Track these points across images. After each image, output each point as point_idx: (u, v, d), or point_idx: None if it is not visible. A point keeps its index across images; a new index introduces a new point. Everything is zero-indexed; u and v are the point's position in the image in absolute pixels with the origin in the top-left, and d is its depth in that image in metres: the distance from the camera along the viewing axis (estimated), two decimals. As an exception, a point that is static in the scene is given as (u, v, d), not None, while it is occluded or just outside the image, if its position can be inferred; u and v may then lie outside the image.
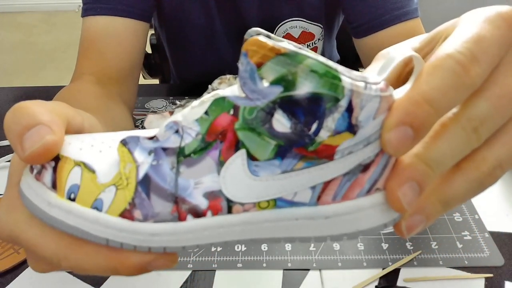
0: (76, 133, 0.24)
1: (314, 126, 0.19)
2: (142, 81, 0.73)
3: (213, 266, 0.45)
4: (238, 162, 0.20)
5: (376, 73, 0.21)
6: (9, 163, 0.59)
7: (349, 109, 0.19)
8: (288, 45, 0.19)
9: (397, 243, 0.47)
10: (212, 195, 0.21)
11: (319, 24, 0.69)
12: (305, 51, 0.19)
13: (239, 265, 0.45)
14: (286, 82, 0.19)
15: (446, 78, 0.18)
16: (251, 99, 0.19)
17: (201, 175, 0.21)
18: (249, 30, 0.20)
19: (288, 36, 0.69)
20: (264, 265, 0.45)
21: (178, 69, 0.84)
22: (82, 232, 0.21)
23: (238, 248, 0.47)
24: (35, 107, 0.22)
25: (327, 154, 0.20)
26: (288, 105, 0.19)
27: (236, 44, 0.72)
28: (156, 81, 1.05)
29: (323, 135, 0.19)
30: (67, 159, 0.22)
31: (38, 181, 0.21)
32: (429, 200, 0.21)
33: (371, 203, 0.21)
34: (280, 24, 0.68)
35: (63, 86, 0.54)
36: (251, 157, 0.20)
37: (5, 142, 0.63)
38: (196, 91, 0.74)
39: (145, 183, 0.21)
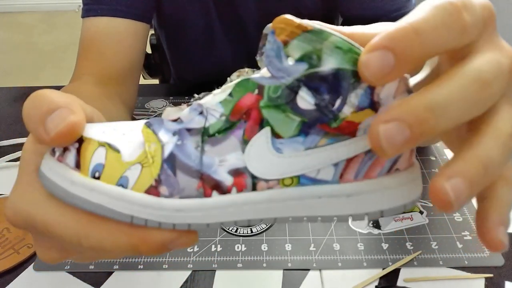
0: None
1: (338, 102, 0.20)
2: (142, 81, 0.73)
3: (213, 266, 0.45)
4: (262, 140, 0.21)
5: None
6: (9, 163, 0.59)
7: (371, 85, 0.19)
8: (314, 23, 0.19)
9: (397, 243, 0.47)
10: (237, 172, 0.21)
11: None
12: (330, 29, 0.19)
13: (239, 265, 0.45)
14: (311, 58, 0.19)
15: (438, 15, 0.18)
16: (276, 77, 0.20)
17: (226, 153, 0.21)
18: (268, 25, 0.21)
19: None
20: (264, 265, 0.45)
21: (178, 69, 0.84)
22: (106, 210, 0.21)
23: (238, 248, 0.47)
24: (53, 94, 0.22)
25: (349, 130, 0.20)
26: (313, 81, 0.19)
27: (235, 44, 0.72)
28: (156, 81, 1.05)
29: (346, 111, 0.20)
30: (91, 141, 0.22)
31: (60, 162, 0.22)
32: (469, 162, 0.18)
33: (392, 183, 0.21)
34: None
35: (63, 86, 0.54)
36: (275, 134, 0.21)
37: (5, 142, 0.63)
38: (196, 91, 0.74)
39: (171, 160, 0.21)
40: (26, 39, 2.63)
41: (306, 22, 0.19)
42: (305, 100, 0.20)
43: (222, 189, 0.21)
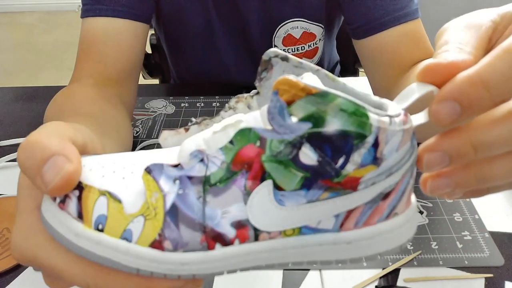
0: (80, 152, 0.23)
1: (341, 161, 0.20)
2: (142, 81, 0.73)
3: (213, 266, 0.45)
4: (264, 192, 0.21)
5: (396, 101, 0.22)
6: (9, 163, 0.59)
7: (375, 144, 0.19)
8: (318, 85, 0.19)
9: (397, 243, 0.47)
10: (240, 224, 0.21)
11: (320, 24, 0.69)
12: (334, 90, 0.19)
13: (239, 265, 0.45)
14: (315, 119, 0.19)
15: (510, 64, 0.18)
16: (278, 132, 0.20)
17: (228, 204, 0.21)
18: (267, 51, 0.21)
19: (289, 37, 0.69)
20: (264, 265, 0.45)
21: (177, 70, 0.84)
22: (112, 262, 0.21)
23: (238, 248, 0.47)
24: (46, 139, 0.22)
25: (351, 185, 0.20)
26: (316, 140, 0.19)
27: (236, 44, 0.72)
28: (156, 81, 1.05)
29: (349, 168, 0.20)
30: (91, 188, 0.22)
31: (62, 210, 0.21)
32: (466, 172, 0.21)
33: (390, 228, 0.22)
34: (281, 25, 0.68)
35: (63, 86, 0.54)
36: (277, 187, 0.20)
37: (5, 142, 0.63)
38: (196, 91, 0.74)
39: (173, 213, 0.21)
40: (26, 39, 2.63)
41: (310, 85, 0.19)
42: (308, 156, 0.20)
43: (225, 241, 0.21)
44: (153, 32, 0.92)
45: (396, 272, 0.44)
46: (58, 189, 0.21)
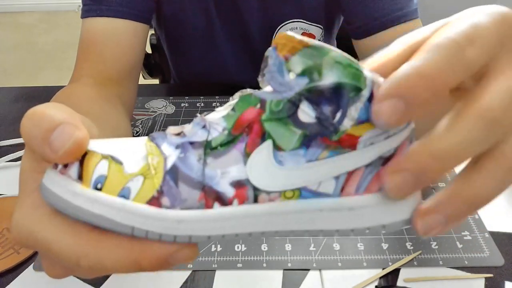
0: None
1: (338, 115, 0.20)
2: (142, 81, 0.73)
3: (213, 266, 0.45)
4: (264, 153, 0.21)
5: None
6: (9, 163, 0.59)
7: (371, 99, 0.20)
8: (314, 40, 0.20)
9: (397, 243, 0.47)
10: (239, 184, 0.21)
11: (319, 25, 0.69)
12: (329, 46, 0.20)
13: (239, 265, 0.45)
14: (312, 73, 0.20)
15: (441, 55, 0.18)
16: (278, 91, 0.21)
17: (228, 165, 0.21)
18: (270, 48, 0.21)
19: (289, 37, 0.69)
20: (264, 265, 0.45)
21: (178, 70, 0.84)
22: (107, 221, 0.21)
23: (238, 248, 0.47)
24: (50, 110, 0.22)
25: (350, 144, 0.21)
26: (314, 95, 0.20)
27: (236, 44, 0.72)
28: (156, 81, 1.05)
29: (347, 124, 0.20)
30: (94, 153, 0.22)
31: (62, 175, 0.21)
32: (451, 200, 0.20)
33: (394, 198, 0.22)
34: (281, 25, 0.68)
35: (63, 86, 0.54)
36: (277, 147, 0.21)
37: (5, 142, 0.63)
38: (196, 92, 0.74)
39: (173, 172, 0.21)
40: (26, 39, 2.63)
41: (306, 39, 0.20)
42: (306, 113, 0.20)
43: (223, 201, 0.21)
44: (153, 32, 0.92)
45: (396, 272, 0.44)
46: (67, 156, 0.21)
